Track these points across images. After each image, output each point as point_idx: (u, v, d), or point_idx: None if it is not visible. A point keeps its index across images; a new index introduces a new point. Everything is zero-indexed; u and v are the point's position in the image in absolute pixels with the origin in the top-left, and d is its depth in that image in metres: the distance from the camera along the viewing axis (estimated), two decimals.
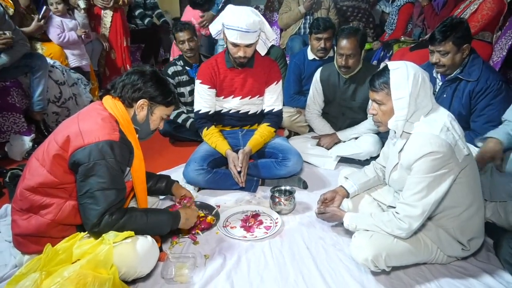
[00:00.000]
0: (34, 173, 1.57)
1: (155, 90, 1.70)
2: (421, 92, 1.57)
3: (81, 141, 1.50)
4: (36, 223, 1.56)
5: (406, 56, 3.42)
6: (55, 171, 1.54)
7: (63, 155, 1.53)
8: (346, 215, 1.79)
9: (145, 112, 1.72)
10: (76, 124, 1.56)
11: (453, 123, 1.59)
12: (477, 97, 2.21)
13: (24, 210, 1.58)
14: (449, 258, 1.72)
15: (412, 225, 1.56)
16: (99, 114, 1.61)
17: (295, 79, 3.23)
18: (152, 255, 1.61)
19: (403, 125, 1.60)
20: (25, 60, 3.02)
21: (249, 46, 2.31)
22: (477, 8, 3.15)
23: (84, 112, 1.66)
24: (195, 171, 2.40)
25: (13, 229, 1.63)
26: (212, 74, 2.47)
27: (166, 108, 1.78)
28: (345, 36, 2.57)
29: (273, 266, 1.78)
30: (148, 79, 1.69)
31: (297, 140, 3.01)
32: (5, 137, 3.04)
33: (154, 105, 1.73)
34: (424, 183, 1.52)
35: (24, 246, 1.62)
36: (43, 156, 1.57)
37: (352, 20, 4.70)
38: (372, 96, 1.68)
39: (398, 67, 1.59)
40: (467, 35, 2.19)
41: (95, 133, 1.52)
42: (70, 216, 1.58)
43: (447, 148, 1.50)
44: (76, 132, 1.53)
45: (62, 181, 1.55)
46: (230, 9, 2.30)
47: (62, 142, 1.53)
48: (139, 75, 1.70)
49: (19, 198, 1.59)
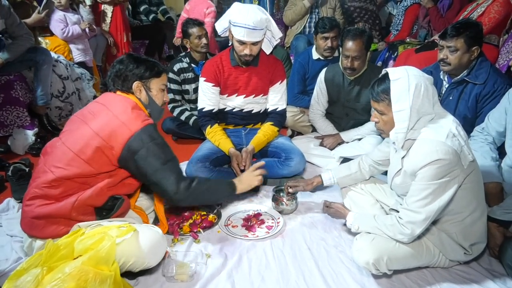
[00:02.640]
0: (70, 163, 1.60)
1: (139, 68, 1.76)
2: (425, 102, 1.52)
3: (128, 131, 1.61)
4: (57, 207, 1.58)
5: (412, 57, 3.41)
6: (95, 161, 1.61)
7: (107, 147, 1.60)
8: (350, 214, 1.78)
9: (145, 92, 1.80)
10: (115, 117, 1.64)
11: (458, 129, 1.56)
12: (484, 100, 2.20)
13: (48, 196, 1.59)
14: (451, 262, 1.71)
15: (414, 231, 1.54)
16: (127, 103, 1.71)
17: (299, 79, 3.22)
18: (160, 247, 1.63)
19: (403, 137, 1.56)
20: (29, 54, 3.02)
21: (255, 44, 2.31)
22: (484, 10, 3.14)
23: (112, 103, 1.71)
24: (198, 169, 2.39)
25: (29, 213, 1.60)
26: (216, 72, 2.46)
27: (159, 79, 1.83)
28: (351, 37, 2.55)
29: (275, 266, 1.78)
30: (128, 63, 1.76)
31: (300, 140, 3.00)
32: (8, 131, 3.04)
33: (146, 81, 1.79)
34: (429, 190, 1.50)
35: (40, 229, 1.60)
36: (80, 145, 1.61)
37: (358, 21, 4.69)
38: (373, 105, 1.64)
39: (399, 77, 1.52)
40: (479, 37, 2.18)
41: (136, 121, 1.64)
42: (90, 199, 1.63)
43: (453, 155, 1.48)
44: (119, 124, 1.62)
45: (98, 171, 1.63)
46: (236, 6, 2.29)
47: (108, 136, 1.60)
48: (119, 64, 1.77)
49: (45, 185, 1.59)
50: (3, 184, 2.49)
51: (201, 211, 2.12)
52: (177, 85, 3.21)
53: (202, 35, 3.11)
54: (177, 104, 3.24)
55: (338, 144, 2.85)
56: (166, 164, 1.68)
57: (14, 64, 2.99)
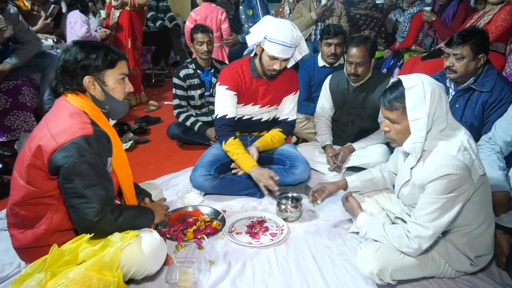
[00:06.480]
0: (16, 187, 1.50)
1: (88, 60, 1.49)
2: (438, 110, 1.49)
3: (54, 143, 1.40)
4: (33, 235, 1.51)
5: (418, 65, 3.40)
6: (33, 181, 1.45)
7: (36, 164, 1.43)
8: (361, 215, 1.75)
9: (99, 88, 1.54)
10: (46, 129, 1.45)
11: (470, 142, 1.52)
12: (491, 108, 2.19)
13: (17, 224, 1.53)
14: (457, 273, 1.68)
15: (421, 246, 1.52)
16: (65, 110, 1.49)
17: (304, 86, 3.22)
18: (160, 253, 1.60)
19: (421, 147, 1.51)
20: (36, 59, 3.05)
21: (285, 60, 2.30)
22: (491, 19, 3.13)
23: (51, 112, 1.54)
24: (202, 176, 2.38)
25: (13, 243, 1.58)
26: (238, 81, 2.43)
27: (115, 69, 1.55)
28: (355, 44, 2.56)
29: (278, 274, 1.76)
30: (75, 54, 1.49)
31: (305, 147, 2.99)
32: (15, 135, 3.07)
33: (99, 74, 1.53)
34: (438, 204, 1.48)
35: (26, 257, 1.60)
36: (19, 168, 1.49)
37: (364, 29, 4.69)
38: (385, 114, 1.58)
39: (414, 84, 1.48)
40: (485, 45, 2.17)
41: (67, 132, 1.41)
42: (63, 221, 1.53)
43: (464, 170, 1.45)
44: (47, 137, 1.42)
45: (44, 190, 1.47)
46: (271, 21, 2.23)
47: (34, 151, 1.43)
48: (65, 55, 1.51)
49: (10, 214, 1.54)
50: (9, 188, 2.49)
51: (205, 218, 2.12)
52: (183, 91, 3.22)
53: (204, 42, 3.11)
54: (183, 110, 3.25)
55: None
56: (91, 188, 1.42)
57: (22, 69, 3.02)
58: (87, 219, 1.43)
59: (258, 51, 2.33)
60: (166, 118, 3.93)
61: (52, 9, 3.46)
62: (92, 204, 1.42)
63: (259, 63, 2.38)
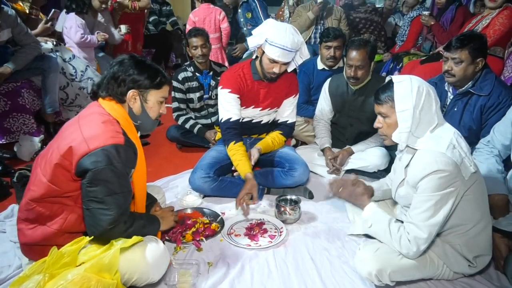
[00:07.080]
0: (37, 184, 1.52)
1: (139, 76, 1.58)
2: (425, 105, 1.56)
3: (86, 147, 1.44)
4: (42, 233, 1.53)
5: (417, 68, 3.41)
6: (56, 180, 1.48)
7: (64, 164, 1.46)
8: (370, 205, 1.74)
9: (139, 103, 1.62)
10: (79, 131, 1.50)
11: (459, 140, 1.57)
12: (489, 112, 2.19)
13: (30, 220, 1.54)
14: (455, 275, 1.68)
15: (420, 247, 1.55)
16: (100, 116, 1.55)
17: (304, 89, 3.23)
18: (163, 262, 1.60)
19: (406, 137, 1.59)
20: (36, 62, 3.06)
21: (285, 64, 2.30)
22: (489, 23, 3.14)
23: (85, 115, 1.59)
24: (201, 179, 2.39)
25: (20, 238, 1.59)
26: (240, 84, 2.43)
27: (159, 91, 1.65)
28: (354, 47, 2.57)
29: (277, 276, 1.77)
30: (128, 67, 1.58)
31: (304, 149, 3.00)
32: (15, 137, 3.07)
33: (144, 91, 1.61)
34: (431, 202, 1.51)
35: (31, 254, 1.60)
36: (45, 166, 1.51)
37: (364, 33, 4.71)
38: (377, 109, 1.68)
39: (402, 80, 1.59)
40: (483, 49, 2.18)
41: (99, 138, 1.46)
42: (76, 224, 1.54)
43: (453, 167, 1.49)
44: (79, 140, 1.46)
45: (65, 190, 1.50)
46: (273, 25, 2.24)
47: (65, 152, 1.46)
48: (118, 66, 1.59)
49: (24, 209, 1.55)
50: (8, 190, 2.51)
51: (204, 220, 2.12)
52: (182, 94, 3.23)
53: (198, 46, 3.11)
54: (182, 113, 3.26)
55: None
56: (113, 195, 1.46)
57: (22, 71, 3.03)
58: (101, 225, 1.46)
59: (259, 53, 2.34)
60: (166, 120, 3.93)
61: (53, 14, 3.45)
62: (110, 212, 1.46)
63: (259, 66, 2.39)
